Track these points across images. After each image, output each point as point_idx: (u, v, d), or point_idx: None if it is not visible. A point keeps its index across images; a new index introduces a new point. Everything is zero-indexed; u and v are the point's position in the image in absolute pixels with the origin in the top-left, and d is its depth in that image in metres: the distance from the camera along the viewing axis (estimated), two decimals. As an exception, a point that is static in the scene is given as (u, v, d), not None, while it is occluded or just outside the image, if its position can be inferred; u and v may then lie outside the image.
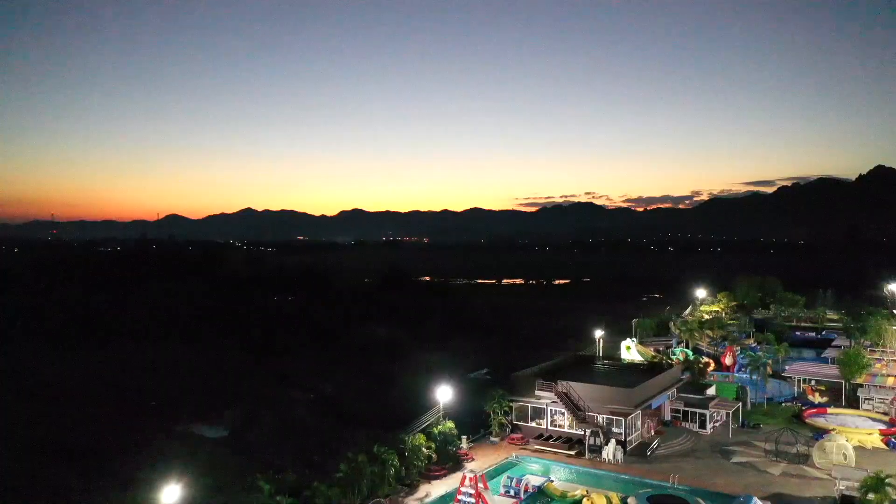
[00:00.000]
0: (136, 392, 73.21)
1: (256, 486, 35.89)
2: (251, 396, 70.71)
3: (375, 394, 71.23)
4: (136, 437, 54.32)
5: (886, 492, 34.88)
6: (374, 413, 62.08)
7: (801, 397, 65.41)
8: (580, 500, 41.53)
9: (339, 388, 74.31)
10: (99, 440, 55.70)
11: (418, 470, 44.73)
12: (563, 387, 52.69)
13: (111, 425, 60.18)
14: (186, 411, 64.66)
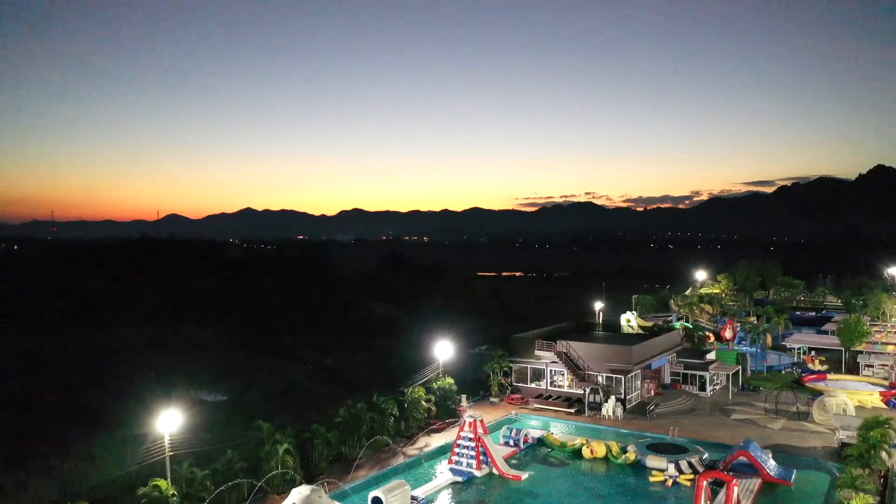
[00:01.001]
0: (133, 364, 73.21)
1: (256, 426, 35.88)
2: (250, 367, 70.70)
3: (375, 365, 71.12)
4: (133, 398, 54.27)
5: (885, 430, 34.83)
6: (373, 381, 62.02)
7: (800, 365, 65.41)
8: (580, 448, 41.55)
9: (339, 361, 74.26)
10: (97, 402, 55.75)
11: (418, 423, 44.77)
12: (562, 346, 52.70)
13: (110, 391, 60.22)
14: (185, 380, 64.62)
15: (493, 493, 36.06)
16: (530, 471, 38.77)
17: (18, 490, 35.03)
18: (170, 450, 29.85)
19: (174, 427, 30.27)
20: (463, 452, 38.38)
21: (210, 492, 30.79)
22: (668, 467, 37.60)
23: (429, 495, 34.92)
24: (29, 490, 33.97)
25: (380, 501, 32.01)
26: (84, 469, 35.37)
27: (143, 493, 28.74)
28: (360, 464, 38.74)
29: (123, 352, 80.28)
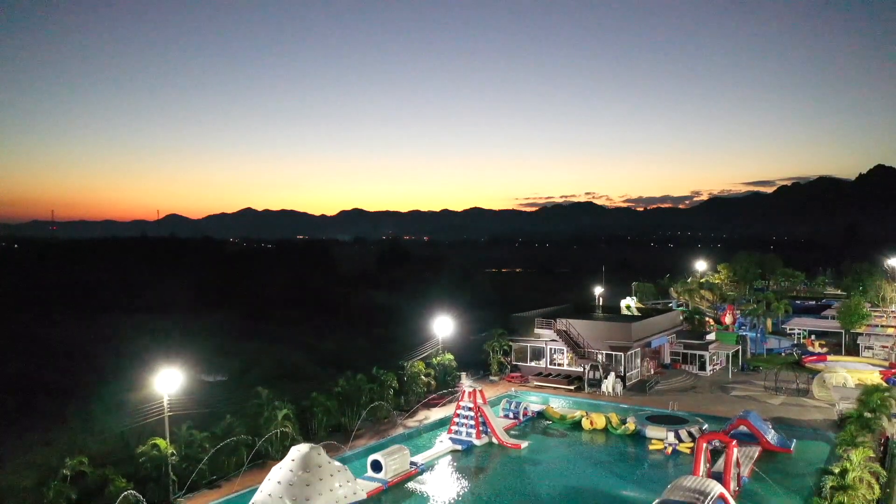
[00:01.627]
0: (130, 349, 73.18)
1: (255, 393, 35.88)
2: (250, 351, 70.61)
3: (374, 351, 71.05)
4: (132, 377, 54.28)
5: (885, 396, 34.82)
6: (372, 364, 62.01)
7: (800, 347, 65.40)
8: (579, 420, 41.55)
9: (339, 346, 74.18)
10: (96, 383, 55.70)
11: (417, 397, 44.72)
12: (562, 324, 52.65)
13: (108, 373, 60.17)
14: (184, 364, 64.52)
15: (492, 460, 36.04)
16: (529, 441, 38.74)
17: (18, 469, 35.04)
18: (169, 411, 29.78)
19: (173, 388, 30.21)
20: (462, 422, 38.42)
21: (207, 450, 30.75)
22: (668, 436, 37.59)
23: (428, 461, 34.90)
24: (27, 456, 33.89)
25: (379, 464, 32.03)
26: (83, 429, 35.29)
27: (141, 451, 28.70)
28: (360, 433, 38.72)
29: (122, 338, 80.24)
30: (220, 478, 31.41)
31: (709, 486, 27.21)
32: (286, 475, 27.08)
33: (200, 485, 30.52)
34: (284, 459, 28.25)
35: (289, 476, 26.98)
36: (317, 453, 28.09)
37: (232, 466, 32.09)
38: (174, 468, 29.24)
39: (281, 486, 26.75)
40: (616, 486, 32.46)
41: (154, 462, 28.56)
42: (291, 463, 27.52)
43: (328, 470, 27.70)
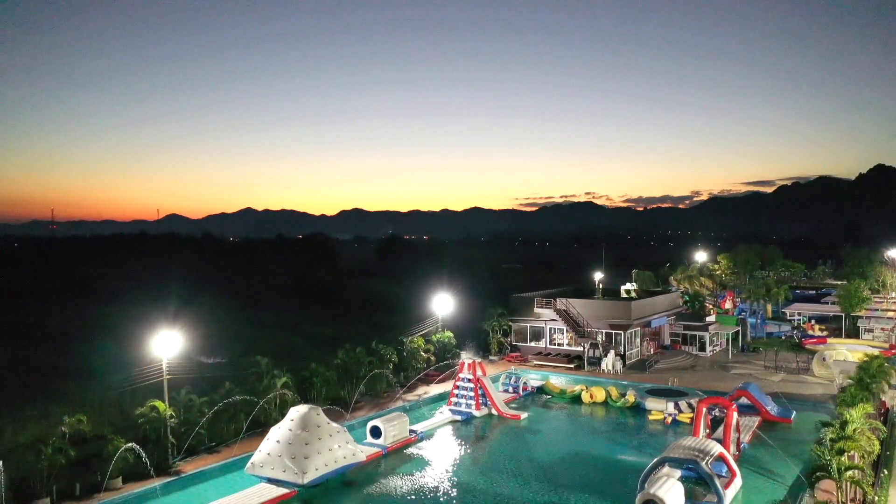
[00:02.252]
0: (133, 336, 73.15)
1: (254, 361, 35.87)
2: (249, 335, 70.55)
3: (374, 336, 71.02)
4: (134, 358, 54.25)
5: (885, 365, 34.80)
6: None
7: (800, 329, 65.38)
8: (579, 394, 41.51)
9: (339, 331, 74.09)
10: (93, 363, 55.70)
11: (416, 373, 44.67)
12: (562, 304, 52.64)
13: (110, 356, 60.15)
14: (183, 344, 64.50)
15: (492, 430, 36.00)
16: (529, 412, 38.71)
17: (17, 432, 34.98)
18: (168, 374, 29.74)
19: (172, 352, 30.18)
20: (462, 394, 38.39)
21: (208, 418, 30.72)
22: (668, 406, 37.56)
23: (428, 430, 34.85)
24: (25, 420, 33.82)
25: (378, 430, 32.00)
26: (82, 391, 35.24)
27: (140, 412, 28.65)
28: (359, 406, 38.70)
29: (120, 325, 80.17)
30: (219, 444, 31.40)
31: (709, 445, 27.20)
32: (285, 434, 27.04)
33: (199, 449, 30.51)
34: (283, 420, 28.22)
35: (287, 435, 26.93)
36: (315, 413, 28.05)
37: (231, 434, 32.06)
38: (173, 431, 29.19)
39: (280, 445, 26.71)
40: (615, 451, 32.47)
41: (153, 424, 28.49)
42: (290, 423, 27.48)
43: (327, 430, 27.65)
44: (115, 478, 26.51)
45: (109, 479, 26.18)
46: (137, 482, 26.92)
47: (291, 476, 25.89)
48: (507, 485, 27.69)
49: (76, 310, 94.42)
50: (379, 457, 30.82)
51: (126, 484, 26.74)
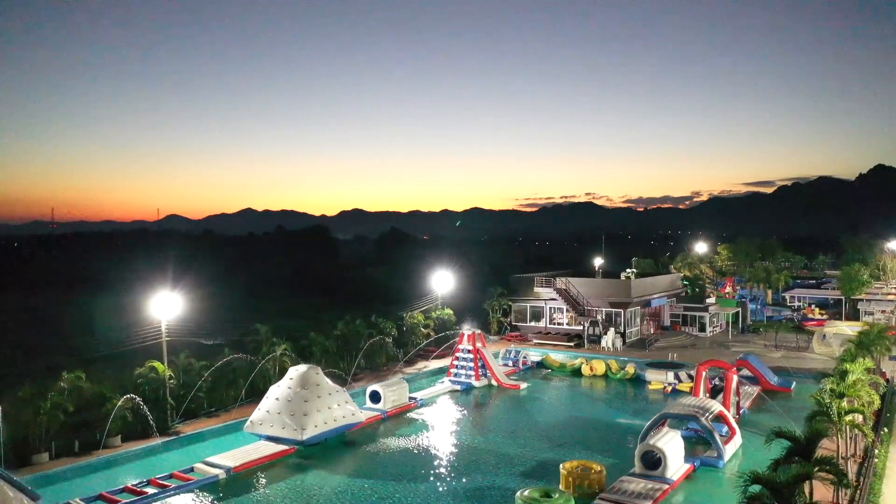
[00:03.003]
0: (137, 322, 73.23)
1: (253, 329, 35.83)
2: (249, 321, 70.52)
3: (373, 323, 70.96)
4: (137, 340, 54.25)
5: (886, 333, 34.78)
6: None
7: (800, 312, 65.35)
8: (579, 367, 41.44)
9: (338, 316, 74.06)
10: (92, 346, 55.76)
11: (416, 347, 44.57)
12: (562, 283, 52.59)
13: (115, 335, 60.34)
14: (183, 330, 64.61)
15: (492, 399, 35.94)
16: (529, 383, 38.66)
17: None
18: (167, 335, 29.70)
19: (171, 315, 30.15)
20: (462, 365, 38.35)
21: (206, 381, 30.69)
22: (667, 376, 37.52)
23: (428, 398, 34.80)
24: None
25: (378, 395, 31.96)
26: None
27: (139, 372, 28.60)
28: (359, 377, 38.62)
29: (118, 313, 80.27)
30: (218, 409, 31.34)
31: (709, 402, 27.20)
32: (284, 392, 27.00)
33: (198, 413, 30.46)
34: (283, 379, 28.18)
35: (287, 393, 26.89)
36: (315, 373, 28.02)
37: (230, 400, 32.02)
38: (172, 393, 29.14)
39: (279, 403, 26.66)
40: (615, 415, 32.45)
41: (152, 385, 28.45)
42: (289, 381, 27.45)
43: (326, 389, 27.61)
44: (114, 436, 26.50)
45: (108, 437, 26.15)
46: (136, 441, 26.92)
47: (290, 433, 25.83)
48: (508, 444, 27.65)
49: (78, 299, 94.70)
50: (378, 420, 30.77)
51: (125, 443, 26.71)
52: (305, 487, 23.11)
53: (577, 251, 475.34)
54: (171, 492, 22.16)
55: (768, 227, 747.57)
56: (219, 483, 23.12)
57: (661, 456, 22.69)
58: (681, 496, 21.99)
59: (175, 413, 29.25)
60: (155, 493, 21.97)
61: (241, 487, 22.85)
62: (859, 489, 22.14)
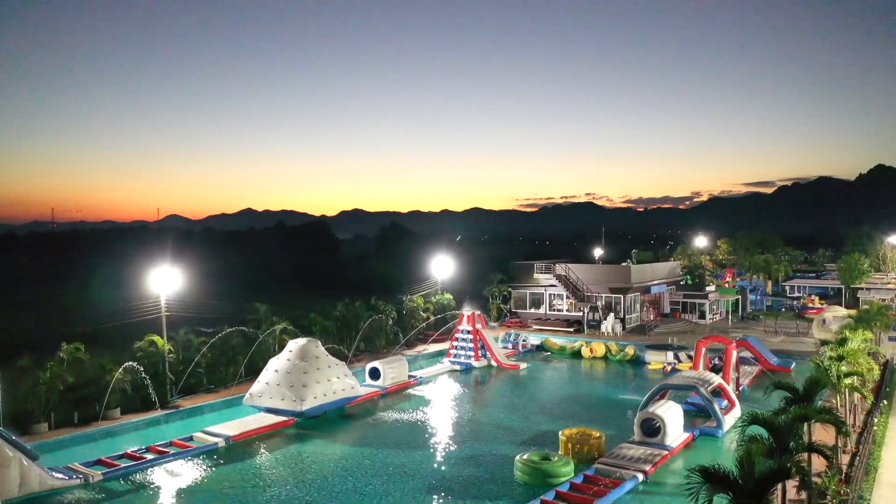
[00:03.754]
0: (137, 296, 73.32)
1: (253, 308, 35.83)
2: (248, 311, 70.56)
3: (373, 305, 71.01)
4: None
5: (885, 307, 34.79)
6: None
7: (799, 301, 65.39)
8: (579, 350, 41.43)
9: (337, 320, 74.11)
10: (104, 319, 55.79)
11: (416, 333, 44.54)
12: (562, 269, 52.58)
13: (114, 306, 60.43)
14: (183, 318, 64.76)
15: (492, 378, 35.92)
16: (528, 364, 38.66)
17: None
18: (166, 310, 29.70)
19: (171, 289, 30.15)
20: (461, 346, 38.36)
21: (206, 357, 30.68)
22: (667, 356, 37.51)
23: (427, 377, 34.78)
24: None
25: (377, 371, 31.95)
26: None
27: (138, 346, 28.58)
28: (358, 358, 38.57)
29: (116, 303, 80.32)
30: (218, 386, 31.32)
31: (709, 375, 27.20)
32: (283, 364, 26.99)
33: (198, 390, 30.45)
34: (282, 352, 28.17)
35: (286, 365, 26.88)
36: (314, 346, 28.01)
37: (229, 377, 32.00)
38: (171, 368, 29.13)
39: (278, 374, 26.64)
40: (615, 392, 32.47)
41: (151, 359, 28.42)
42: (289, 353, 27.44)
43: (326, 362, 27.60)
44: (113, 409, 26.48)
45: (107, 409, 26.14)
46: (135, 413, 26.89)
47: (290, 404, 25.81)
48: (507, 417, 27.67)
49: (79, 289, 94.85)
50: (377, 396, 30.76)
51: (124, 415, 26.69)
52: (304, 456, 23.09)
53: (577, 250, 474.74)
54: (170, 458, 22.14)
55: (768, 228, 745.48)
56: (218, 451, 23.11)
57: (661, 424, 22.67)
58: (680, 462, 21.96)
59: (174, 388, 29.23)
60: (154, 458, 21.96)
61: (240, 455, 22.84)
62: (859, 455, 22.15)
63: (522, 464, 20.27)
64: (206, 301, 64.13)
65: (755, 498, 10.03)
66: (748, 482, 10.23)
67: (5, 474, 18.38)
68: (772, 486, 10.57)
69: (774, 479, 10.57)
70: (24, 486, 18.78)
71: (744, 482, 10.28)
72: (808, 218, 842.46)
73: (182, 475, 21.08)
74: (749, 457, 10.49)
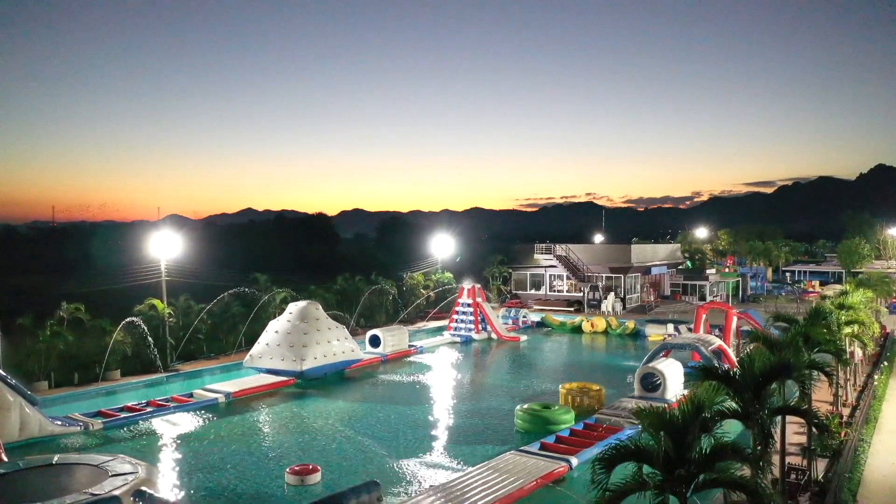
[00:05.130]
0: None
1: (253, 278, 35.84)
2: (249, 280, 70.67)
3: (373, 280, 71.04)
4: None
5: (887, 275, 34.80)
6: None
7: (799, 286, 65.43)
8: (580, 325, 41.41)
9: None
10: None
11: (416, 309, 44.52)
12: (562, 249, 52.60)
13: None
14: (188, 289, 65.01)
15: (493, 349, 35.91)
16: (529, 337, 38.65)
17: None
18: (166, 275, 29.69)
19: (170, 253, 30.16)
20: (461, 318, 38.32)
21: (206, 324, 30.69)
22: (668, 327, 37.51)
23: (428, 347, 34.77)
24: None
25: (377, 339, 31.95)
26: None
27: (138, 309, 28.57)
28: (358, 334, 38.51)
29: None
30: (218, 354, 31.32)
31: (709, 337, 27.20)
32: (283, 325, 26.98)
33: (197, 356, 30.45)
34: (282, 314, 28.16)
35: (286, 326, 26.86)
36: (314, 307, 28.01)
37: (229, 346, 31.99)
38: (171, 332, 29.13)
39: (278, 335, 26.63)
40: (616, 360, 32.46)
41: (151, 322, 28.40)
42: (289, 315, 27.43)
43: (326, 324, 27.59)
44: (114, 370, 26.46)
45: (107, 371, 26.12)
46: (135, 375, 26.88)
47: (290, 364, 25.80)
48: (508, 379, 27.78)
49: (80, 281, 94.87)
50: (377, 362, 30.75)
51: (124, 377, 26.67)
52: (306, 409, 23.09)
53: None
54: (170, 410, 22.15)
55: (769, 227, 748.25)
56: (218, 406, 23.10)
57: (661, 379, 22.65)
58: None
59: (174, 353, 29.21)
60: (153, 410, 21.96)
61: (240, 410, 22.83)
62: (859, 408, 22.15)
63: (523, 412, 20.28)
64: (208, 268, 64.34)
65: (755, 392, 10.03)
66: (748, 378, 10.23)
67: (5, 417, 18.37)
68: (770, 382, 10.56)
69: (773, 374, 10.56)
70: (24, 430, 18.78)
71: (742, 378, 10.28)
72: (809, 218, 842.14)
73: (181, 426, 21.08)
74: (749, 357, 10.48)
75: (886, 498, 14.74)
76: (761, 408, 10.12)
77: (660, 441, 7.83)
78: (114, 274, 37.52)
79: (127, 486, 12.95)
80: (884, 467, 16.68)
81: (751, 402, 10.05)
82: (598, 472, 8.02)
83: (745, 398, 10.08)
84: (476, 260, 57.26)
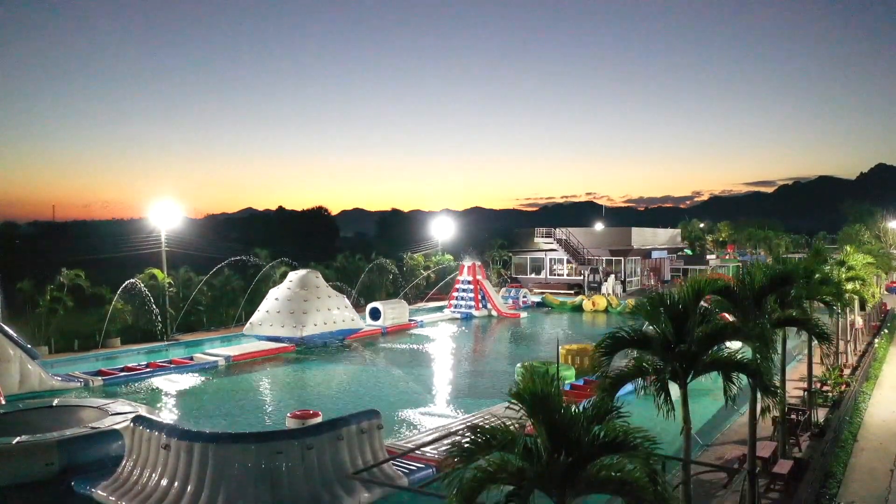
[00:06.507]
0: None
1: (254, 253, 35.89)
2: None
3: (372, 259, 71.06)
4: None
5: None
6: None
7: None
8: (580, 304, 41.40)
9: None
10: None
11: (416, 290, 44.50)
12: (562, 233, 52.61)
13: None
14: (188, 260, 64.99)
15: (493, 324, 35.91)
16: (529, 315, 38.65)
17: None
18: (166, 246, 29.72)
19: (170, 224, 30.18)
20: (462, 296, 38.26)
21: (206, 296, 30.70)
22: (668, 304, 37.45)
23: (428, 322, 34.76)
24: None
25: (378, 312, 31.95)
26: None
27: (139, 278, 28.55)
28: (359, 309, 38.53)
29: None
30: (218, 326, 31.33)
31: (708, 303, 27.11)
32: (284, 292, 26.98)
33: (198, 327, 30.47)
34: (282, 282, 28.17)
35: (287, 293, 26.87)
36: (315, 276, 28.03)
37: (229, 319, 31.99)
38: (171, 303, 29.13)
39: (279, 303, 26.63)
40: (616, 332, 32.39)
41: (151, 292, 28.39)
42: (289, 283, 27.45)
43: (326, 292, 27.61)
44: (114, 338, 26.48)
45: (107, 338, 26.15)
46: (135, 344, 26.88)
47: (290, 331, 25.80)
48: (509, 347, 27.82)
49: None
50: (377, 334, 30.76)
51: (124, 345, 26.68)
52: (307, 372, 23.14)
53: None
54: (170, 371, 22.16)
55: (769, 227, 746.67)
56: (218, 367, 23.11)
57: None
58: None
59: (174, 324, 29.22)
60: (153, 371, 21.98)
61: (239, 372, 22.85)
62: (859, 368, 22.15)
63: (524, 368, 20.24)
64: (207, 239, 64.48)
65: (755, 301, 10.04)
66: (747, 293, 10.25)
67: (6, 370, 18.40)
68: (769, 293, 10.58)
69: (772, 287, 10.58)
70: (24, 383, 18.82)
71: (741, 293, 10.31)
72: (809, 217, 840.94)
73: (181, 383, 21.11)
74: (749, 273, 10.50)
75: (886, 439, 14.77)
76: (761, 315, 10.12)
77: (660, 325, 7.80)
78: (113, 242, 37.52)
79: (127, 422, 13.00)
80: (884, 414, 16.72)
81: (751, 310, 10.05)
82: (599, 357, 7.99)
83: (746, 307, 10.09)
84: (476, 244, 57.19)
